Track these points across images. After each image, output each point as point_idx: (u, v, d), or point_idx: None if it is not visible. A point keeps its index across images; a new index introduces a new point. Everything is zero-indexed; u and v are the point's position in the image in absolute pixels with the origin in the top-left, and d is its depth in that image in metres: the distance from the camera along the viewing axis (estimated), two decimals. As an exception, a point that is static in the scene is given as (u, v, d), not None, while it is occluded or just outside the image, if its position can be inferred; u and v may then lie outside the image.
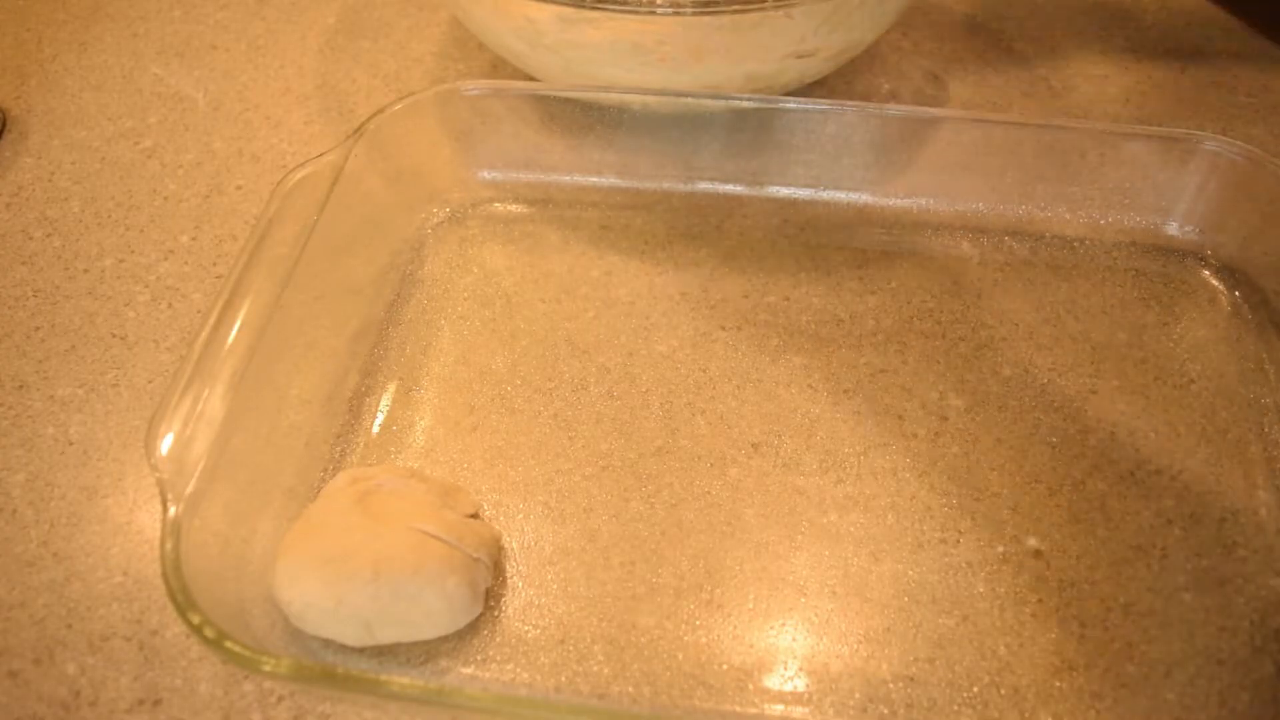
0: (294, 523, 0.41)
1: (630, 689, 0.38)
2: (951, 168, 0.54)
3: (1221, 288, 0.51)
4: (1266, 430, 0.45)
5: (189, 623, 0.34)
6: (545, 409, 0.47)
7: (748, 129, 0.54)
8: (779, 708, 0.38)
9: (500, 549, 0.42)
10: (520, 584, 0.41)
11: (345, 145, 0.50)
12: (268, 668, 0.33)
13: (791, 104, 0.53)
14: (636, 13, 0.50)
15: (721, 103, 0.52)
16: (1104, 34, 0.68)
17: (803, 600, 0.40)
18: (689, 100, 0.53)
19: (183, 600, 0.34)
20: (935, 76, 0.65)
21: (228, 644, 0.34)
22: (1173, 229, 0.53)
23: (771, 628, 0.40)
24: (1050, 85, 0.64)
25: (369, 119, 0.51)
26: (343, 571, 0.38)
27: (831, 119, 0.53)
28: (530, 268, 0.53)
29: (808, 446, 0.45)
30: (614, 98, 0.55)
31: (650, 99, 0.54)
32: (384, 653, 0.39)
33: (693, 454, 0.45)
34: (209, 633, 0.34)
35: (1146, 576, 0.41)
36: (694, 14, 0.50)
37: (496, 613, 0.40)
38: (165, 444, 0.38)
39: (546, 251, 0.54)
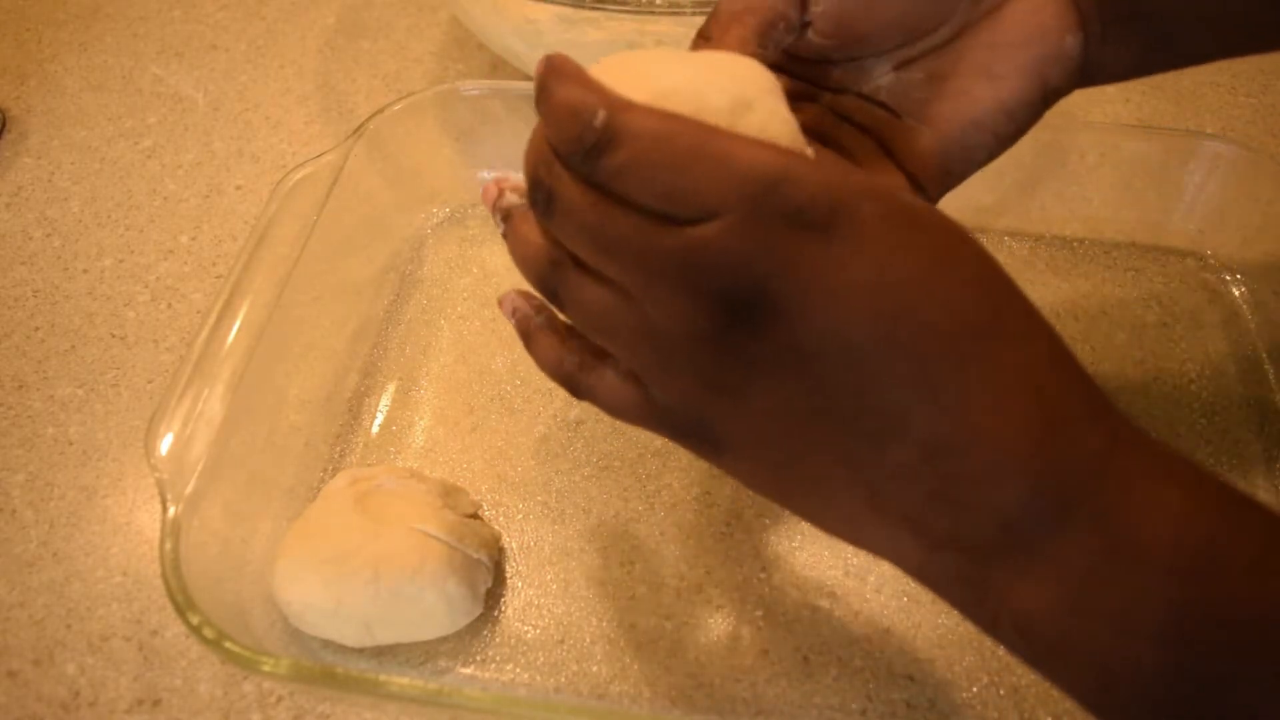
0: (294, 523, 0.41)
1: (630, 689, 0.38)
2: (951, 168, 0.54)
3: (1221, 288, 0.51)
4: (1266, 430, 0.45)
5: (188, 623, 0.34)
6: (545, 409, 0.47)
7: (747, 129, 0.54)
8: (779, 708, 0.38)
9: (500, 549, 0.42)
10: (520, 584, 0.41)
11: (345, 145, 0.50)
12: (267, 668, 0.33)
13: (791, 104, 0.53)
14: (636, 13, 0.50)
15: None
16: (1104, 34, 0.68)
17: (803, 600, 0.40)
18: (689, 100, 0.53)
19: (182, 600, 0.34)
20: (935, 76, 0.65)
21: (227, 644, 0.34)
22: (1173, 229, 0.53)
23: (771, 628, 0.40)
24: (1050, 85, 0.64)
25: (369, 119, 0.51)
26: (342, 572, 0.38)
27: (831, 119, 0.53)
28: (530, 268, 0.53)
29: (807, 446, 0.45)
30: (614, 98, 0.55)
31: (650, 99, 0.54)
32: (383, 653, 0.39)
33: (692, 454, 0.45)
34: (208, 633, 0.34)
35: (1146, 576, 0.41)
36: (694, 14, 0.50)
37: (496, 613, 0.40)
38: (165, 444, 0.38)
39: (546, 251, 0.54)
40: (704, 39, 0.32)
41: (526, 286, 0.32)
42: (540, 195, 0.28)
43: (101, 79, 0.67)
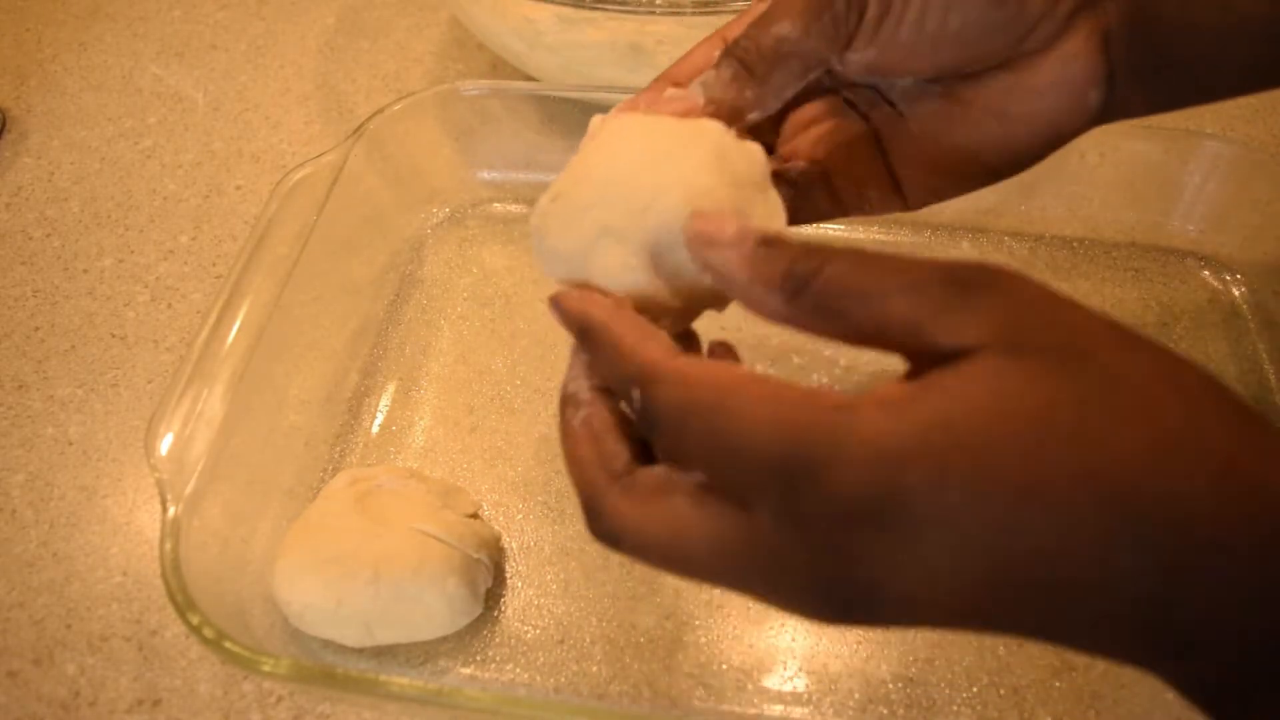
0: (294, 523, 0.41)
1: (630, 689, 0.38)
2: (951, 168, 0.54)
3: (1221, 288, 0.51)
4: (1266, 430, 0.45)
5: (188, 623, 0.34)
6: (545, 409, 0.47)
7: (747, 129, 0.54)
8: (779, 708, 0.38)
9: (500, 549, 0.42)
10: (520, 584, 0.41)
11: (345, 145, 0.50)
12: (267, 668, 0.33)
13: (791, 104, 0.53)
14: (636, 13, 0.50)
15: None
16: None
17: (802, 600, 0.40)
18: (689, 100, 0.53)
19: (182, 600, 0.34)
20: (935, 76, 0.65)
21: (227, 644, 0.34)
22: (1173, 229, 0.53)
23: (771, 628, 0.40)
24: (1050, 85, 0.64)
25: (369, 119, 0.51)
26: (343, 572, 0.38)
27: (831, 119, 0.53)
28: (530, 268, 0.53)
29: (807, 446, 0.45)
30: (614, 98, 0.55)
31: (650, 99, 0.54)
32: (384, 653, 0.39)
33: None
34: (208, 633, 0.34)
35: (1146, 576, 0.41)
36: (694, 14, 0.50)
37: (496, 613, 0.40)
38: (165, 444, 0.38)
39: (546, 251, 0.54)
40: (746, 70, 0.31)
41: (544, 282, 0.32)
42: (599, 529, 0.27)
43: (101, 79, 0.67)
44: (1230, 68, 0.33)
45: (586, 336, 0.28)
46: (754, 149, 0.30)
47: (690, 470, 0.25)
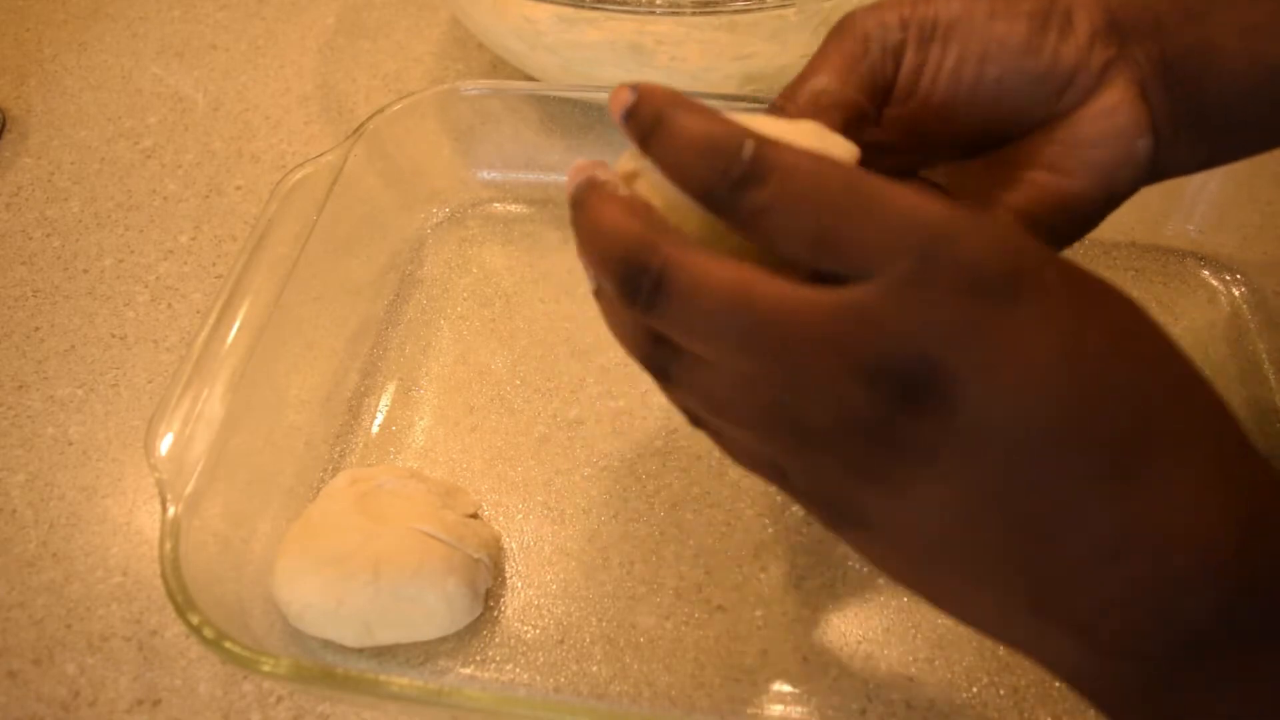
0: (294, 523, 0.41)
1: (629, 689, 0.38)
2: (951, 168, 0.54)
3: (1221, 288, 0.51)
4: (1266, 430, 0.45)
5: (188, 623, 0.34)
6: (545, 409, 0.47)
7: (747, 129, 0.54)
8: (778, 708, 0.38)
9: (500, 549, 0.42)
10: (520, 584, 0.41)
11: (345, 145, 0.50)
12: (267, 668, 0.33)
13: (791, 104, 0.52)
14: (636, 13, 0.50)
15: (721, 103, 0.52)
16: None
17: (802, 600, 0.40)
18: (689, 100, 0.53)
19: (182, 600, 0.34)
20: (935, 76, 0.65)
21: (227, 644, 0.34)
22: (1173, 229, 0.53)
23: (771, 628, 0.40)
24: (1050, 85, 0.64)
25: (369, 119, 0.51)
26: (342, 572, 0.38)
27: (831, 119, 0.53)
28: (530, 268, 0.53)
29: (807, 446, 0.45)
30: (614, 98, 0.55)
31: (650, 99, 0.54)
32: (383, 653, 0.39)
33: (693, 454, 0.45)
34: (208, 633, 0.34)
35: (1146, 576, 0.41)
36: (693, 14, 0.50)
37: (496, 613, 0.40)
38: (165, 444, 0.38)
39: (546, 251, 0.54)
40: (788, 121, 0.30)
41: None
42: (644, 283, 0.23)
43: (101, 79, 0.67)
44: (1267, 119, 0.32)
45: (676, 103, 0.24)
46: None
47: (791, 231, 0.23)
